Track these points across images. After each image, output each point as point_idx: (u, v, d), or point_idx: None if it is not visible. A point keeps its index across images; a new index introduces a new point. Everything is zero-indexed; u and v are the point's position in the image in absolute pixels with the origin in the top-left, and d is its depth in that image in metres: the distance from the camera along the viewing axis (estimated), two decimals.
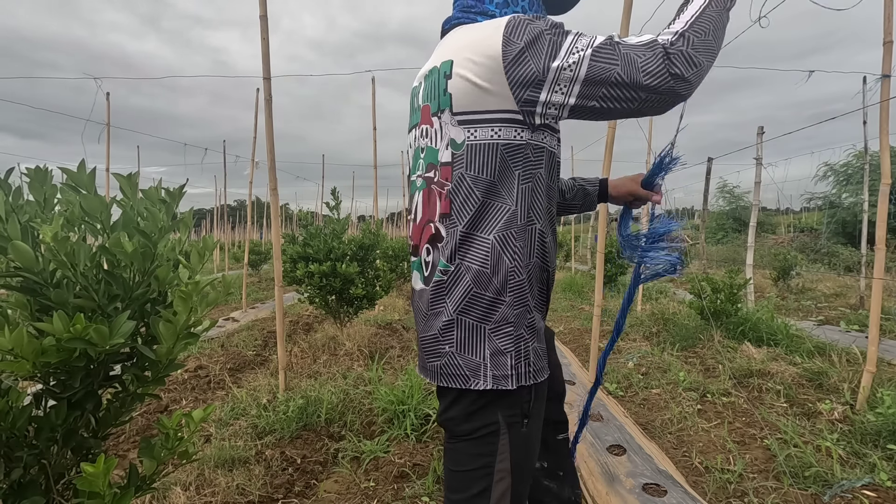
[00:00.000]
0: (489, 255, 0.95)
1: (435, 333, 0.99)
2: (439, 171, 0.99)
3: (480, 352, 0.95)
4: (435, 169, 1.00)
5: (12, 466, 1.00)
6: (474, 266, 0.95)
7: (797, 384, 3.39)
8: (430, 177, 1.02)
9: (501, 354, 0.95)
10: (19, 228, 0.95)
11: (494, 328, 0.95)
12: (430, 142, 1.02)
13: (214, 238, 1.38)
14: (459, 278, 0.96)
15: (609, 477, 2.23)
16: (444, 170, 0.98)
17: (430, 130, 1.02)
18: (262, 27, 3.01)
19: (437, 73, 0.99)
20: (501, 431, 0.97)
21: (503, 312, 0.95)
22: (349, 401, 3.06)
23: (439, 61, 1.00)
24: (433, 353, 1.00)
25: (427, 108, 1.03)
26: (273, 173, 3.17)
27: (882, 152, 2.81)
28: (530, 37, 0.87)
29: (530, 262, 0.98)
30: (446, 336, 0.98)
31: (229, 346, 4.84)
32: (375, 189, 6.99)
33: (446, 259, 0.98)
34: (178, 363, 1.15)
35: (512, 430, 0.97)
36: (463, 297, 0.96)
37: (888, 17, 2.66)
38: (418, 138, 1.08)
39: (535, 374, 0.98)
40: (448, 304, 0.97)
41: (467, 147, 0.94)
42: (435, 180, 1.00)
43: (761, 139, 5.98)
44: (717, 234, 19.47)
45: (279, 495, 2.16)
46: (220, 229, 18.61)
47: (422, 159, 1.05)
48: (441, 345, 0.98)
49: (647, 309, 6.26)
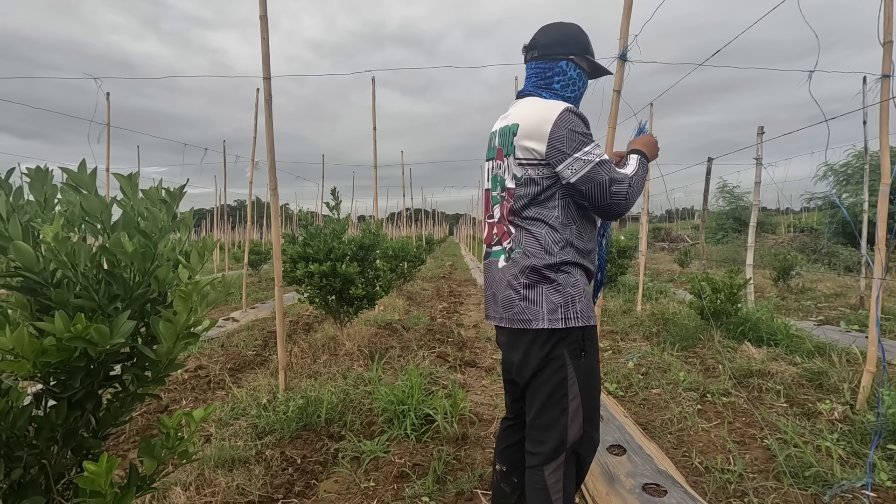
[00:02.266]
0: (542, 242, 1.45)
1: (512, 294, 1.46)
2: (506, 192, 1.52)
3: (545, 303, 1.42)
4: (504, 190, 1.53)
5: (12, 466, 1.00)
6: (532, 249, 1.45)
7: (797, 384, 3.39)
8: (503, 195, 1.53)
9: (560, 306, 1.42)
10: (20, 228, 0.95)
11: (552, 288, 1.43)
12: (502, 172, 1.54)
13: (214, 238, 1.38)
14: (526, 257, 1.45)
15: (609, 477, 2.23)
16: (509, 192, 1.51)
17: (502, 165, 1.53)
18: (262, 27, 3.01)
19: (509, 130, 1.50)
20: (567, 362, 1.43)
21: (556, 277, 1.43)
22: (349, 401, 3.06)
23: (511, 122, 1.50)
24: (511, 307, 1.46)
25: (500, 150, 1.54)
26: (273, 173, 3.17)
27: (882, 152, 2.81)
28: (569, 130, 1.40)
29: (569, 247, 1.46)
30: (523, 294, 1.44)
31: (229, 346, 4.84)
32: (375, 189, 6.99)
33: (517, 245, 1.48)
34: (178, 363, 1.16)
35: (574, 360, 1.43)
36: (531, 268, 1.44)
37: (888, 17, 2.66)
38: (494, 168, 1.58)
39: (585, 319, 1.43)
40: (520, 274, 1.45)
41: (524, 179, 1.47)
42: (506, 197, 1.52)
43: (761, 139, 5.98)
44: (717, 234, 19.47)
45: (279, 495, 2.16)
46: (220, 229, 18.61)
47: (498, 182, 1.56)
48: (518, 300, 1.44)
49: (647, 309, 6.26)
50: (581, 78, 1.57)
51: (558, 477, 1.43)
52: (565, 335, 1.42)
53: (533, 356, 1.44)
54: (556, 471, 1.43)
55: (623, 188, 1.40)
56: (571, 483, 1.47)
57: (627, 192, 1.41)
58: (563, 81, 1.55)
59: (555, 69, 1.54)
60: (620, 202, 1.40)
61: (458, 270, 15.06)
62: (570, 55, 1.54)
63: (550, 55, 1.54)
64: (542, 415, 1.46)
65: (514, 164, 1.48)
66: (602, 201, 1.40)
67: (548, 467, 1.43)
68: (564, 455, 1.44)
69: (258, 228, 23.77)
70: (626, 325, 5.54)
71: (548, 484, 1.43)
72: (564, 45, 1.54)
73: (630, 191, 1.41)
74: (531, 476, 1.47)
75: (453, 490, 2.19)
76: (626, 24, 2.59)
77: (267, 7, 3.00)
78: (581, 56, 1.55)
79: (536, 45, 1.57)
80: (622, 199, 1.40)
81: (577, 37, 1.55)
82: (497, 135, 1.58)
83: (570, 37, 1.55)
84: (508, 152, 1.50)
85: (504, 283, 1.49)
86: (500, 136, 1.55)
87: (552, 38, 1.55)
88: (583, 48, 1.56)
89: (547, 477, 1.43)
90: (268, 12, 3.00)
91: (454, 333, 5.37)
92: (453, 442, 2.64)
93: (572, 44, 1.54)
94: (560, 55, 1.54)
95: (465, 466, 2.40)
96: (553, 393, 1.44)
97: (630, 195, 1.42)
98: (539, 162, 1.44)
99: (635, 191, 1.43)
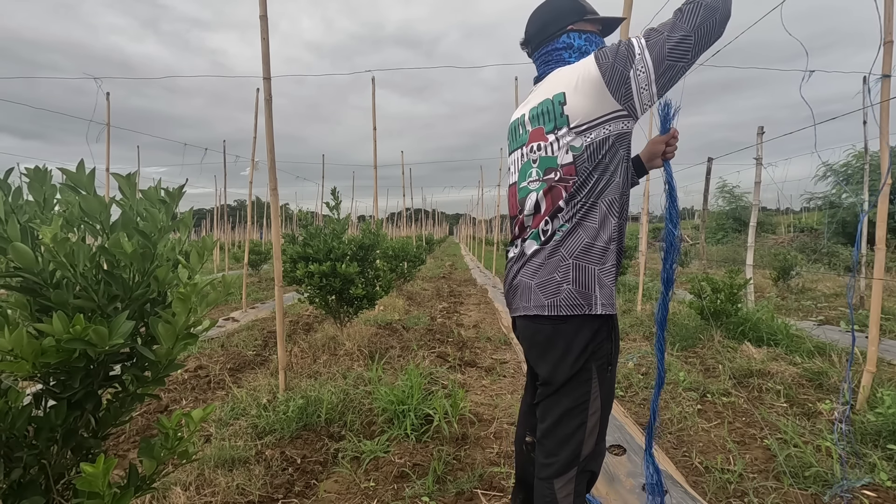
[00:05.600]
0: (598, 215, 1.33)
1: (558, 276, 1.34)
2: (560, 170, 1.35)
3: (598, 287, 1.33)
4: (555, 171, 1.36)
5: (12, 466, 1.00)
6: (588, 223, 1.33)
7: (797, 384, 3.39)
8: (550, 178, 1.37)
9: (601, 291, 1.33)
10: (19, 229, 0.95)
11: (601, 271, 1.33)
12: (545, 152, 1.38)
13: (214, 238, 1.38)
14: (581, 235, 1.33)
15: (609, 477, 2.23)
16: (567, 168, 1.34)
17: (545, 145, 1.38)
18: (262, 27, 3.01)
19: (551, 103, 1.36)
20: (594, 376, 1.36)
21: (604, 263, 1.34)
22: (349, 401, 3.06)
23: (551, 94, 1.37)
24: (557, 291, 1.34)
25: (540, 129, 1.40)
26: (273, 173, 3.17)
27: (882, 152, 2.81)
28: (613, 58, 1.26)
29: (622, 221, 1.37)
30: (573, 277, 1.33)
31: (229, 346, 4.84)
32: (375, 189, 6.99)
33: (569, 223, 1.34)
34: (177, 363, 1.15)
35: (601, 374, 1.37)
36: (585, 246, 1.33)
37: (888, 17, 2.65)
38: (528, 154, 1.44)
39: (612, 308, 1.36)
40: (570, 255, 1.34)
41: (586, 147, 1.32)
42: (556, 179, 1.36)
43: (761, 139, 5.98)
44: (717, 234, 19.47)
45: (279, 495, 2.16)
46: (220, 229, 18.61)
47: (534, 167, 1.41)
48: (566, 284, 1.33)
49: (646, 309, 6.25)
50: (591, 41, 1.45)
51: (569, 491, 1.39)
52: (598, 349, 1.35)
53: (569, 359, 1.34)
54: (566, 484, 1.39)
55: (681, 20, 1.22)
56: (581, 497, 1.43)
57: (695, 11, 1.21)
58: (573, 53, 1.44)
59: (559, 47, 1.45)
60: (706, 9, 1.20)
61: (458, 270, 15.06)
62: (568, 26, 1.44)
63: (548, 37, 1.46)
64: (558, 427, 1.40)
65: (568, 135, 1.33)
66: (693, 34, 1.21)
67: (559, 480, 1.39)
68: (577, 469, 1.39)
69: (258, 228, 23.77)
70: (626, 325, 5.54)
71: (558, 497, 1.39)
72: (556, 20, 1.45)
73: (694, 8, 1.22)
74: (540, 487, 1.42)
75: (453, 490, 2.19)
76: (625, 25, 2.59)
77: (267, 7, 3.00)
78: (580, 20, 1.45)
79: (530, 37, 1.51)
80: (703, 6, 1.21)
81: (566, 5, 1.46)
82: (527, 118, 1.45)
83: (557, 9, 1.46)
84: (559, 125, 1.34)
85: (549, 267, 1.35)
86: (534, 117, 1.42)
87: (541, 21, 1.48)
88: (578, 12, 1.45)
89: (557, 490, 1.39)
90: (267, 13, 3.00)
91: (454, 333, 5.37)
92: (453, 442, 2.64)
93: (564, 14, 1.45)
94: (558, 31, 1.45)
95: (465, 466, 2.40)
96: (574, 407, 1.37)
97: (699, 7, 1.21)
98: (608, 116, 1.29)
99: (696, 7, 1.22)
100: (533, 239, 1.41)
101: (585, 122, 1.31)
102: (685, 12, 1.22)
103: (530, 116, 1.44)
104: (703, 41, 1.22)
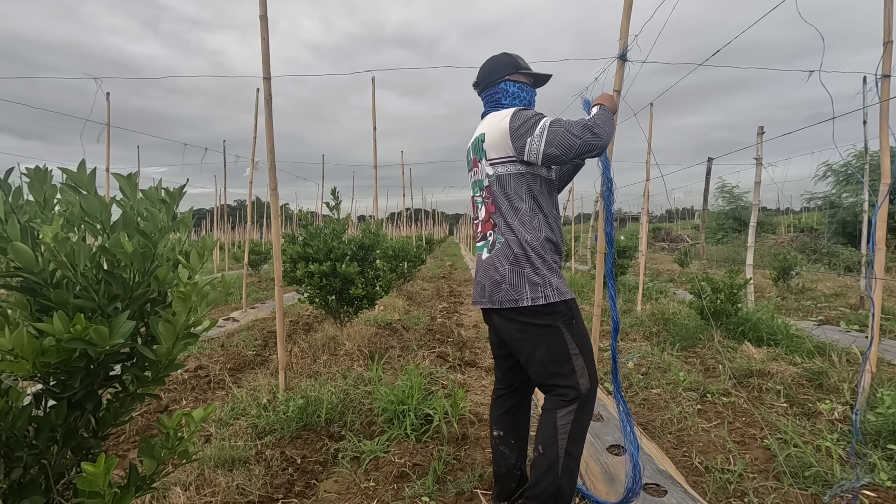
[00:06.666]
0: (517, 231, 1.74)
1: (498, 278, 1.73)
2: (485, 191, 1.84)
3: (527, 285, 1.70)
4: (482, 190, 1.85)
5: (12, 466, 1.00)
6: (511, 238, 1.75)
7: (797, 384, 3.39)
8: (483, 195, 1.85)
9: (540, 285, 1.69)
10: (19, 229, 0.95)
11: (532, 271, 1.71)
12: (480, 176, 1.86)
13: (214, 238, 1.38)
14: (508, 247, 1.74)
15: (609, 477, 2.23)
16: (487, 190, 1.83)
17: (478, 170, 1.87)
18: (262, 27, 3.01)
19: (479, 139, 1.84)
20: (562, 328, 1.70)
21: (534, 262, 1.72)
22: (349, 401, 3.06)
23: (480, 132, 1.84)
24: (498, 290, 1.74)
25: (475, 159, 1.88)
26: (273, 173, 3.17)
27: (882, 152, 2.81)
28: (522, 121, 1.70)
29: (540, 234, 1.75)
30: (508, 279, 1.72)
31: (229, 346, 4.84)
32: (375, 189, 6.99)
33: (499, 236, 1.78)
34: (177, 363, 1.15)
35: (567, 326, 1.71)
36: (512, 256, 1.73)
37: (888, 17, 2.66)
38: (472, 176, 1.93)
39: (562, 294, 1.71)
40: (504, 260, 1.74)
41: (496, 177, 1.79)
42: (485, 196, 1.84)
43: (761, 139, 5.98)
44: (717, 234, 19.46)
45: (279, 495, 2.16)
46: (220, 229, 18.60)
47: (477, 186, 1.89)
48: (504, 285, 1.72)
49: (647, 309, 6.26)
50: (523, 90, 1.90)
51: (567, 421, 1.68)
52: (551, 309, 1.69)
53: (530, 330, 1.71)
54: (566, 415, 1.68)
55: (587, 127, 1.60)
56: (578, 428, 1.69)
57: (593, 128, 1.60)
58: (508, 98, 1.88)
59: (498, 91, 1.89)
60: (591, 138, 1.60)
61: (458, 270, 15.06)
62: (506, 76, 1.88)
63: (491, 82, 1.90)
64: (552, 375, 1.71)
65: (486, 165, 1.80)
66: (574, 146, 1.60)
67: (560, 412, 1.69)
68: (577, 403, 1.68)
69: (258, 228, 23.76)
70: (626, 324, 5.54)
71: (558, 425, 1.68)
72: (498, 70, 1.89)
73: (595, 127, 1.61)
74: (545, 416, 1.71)
75: (453, 490, 2.19)
76: (625, 25, 2.59)
77: (267, 7, 3.00)
78: (515, 73, 1.89)
79: (479, 81, 1.95)
80: (591, 135, 1.60)
81: (505, 61, 1.89)
82: (470, 149, 1.93)
83: (500, 64, 1.90)
84: (480, 157, 1.83)
85: (491, 270, 1.77)
86: (472, 149, 1.89)
87: (487, 70, 1.92)
88: (514, 67, 1.88)
89: (558, 419, 1.68)
90: (267, 13, 3.00)
91: (454, 333, 5.37)
92: (453, 442, 2.64)
93: (504, 67, 1.89)
94: (498, 79, 1.89)
95: (465, 466, 2.40)
96: (556, 354, 1.69)
97: (596, 130, 1.60)
98: (508, 159, 1.75)
99: (601, 127, 1.62)
100: (482, 247, 1.85)
101: (494, 158, 1.78)
102: (587, 126, 1.60)
103: (472, 145, 1.91)
104: (582, 151, 1.62)
